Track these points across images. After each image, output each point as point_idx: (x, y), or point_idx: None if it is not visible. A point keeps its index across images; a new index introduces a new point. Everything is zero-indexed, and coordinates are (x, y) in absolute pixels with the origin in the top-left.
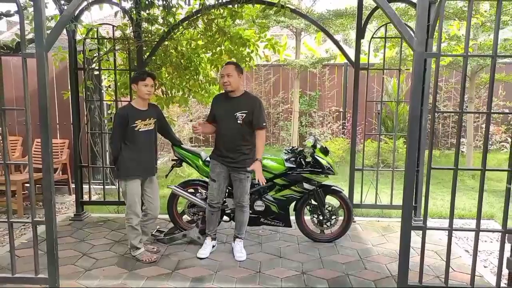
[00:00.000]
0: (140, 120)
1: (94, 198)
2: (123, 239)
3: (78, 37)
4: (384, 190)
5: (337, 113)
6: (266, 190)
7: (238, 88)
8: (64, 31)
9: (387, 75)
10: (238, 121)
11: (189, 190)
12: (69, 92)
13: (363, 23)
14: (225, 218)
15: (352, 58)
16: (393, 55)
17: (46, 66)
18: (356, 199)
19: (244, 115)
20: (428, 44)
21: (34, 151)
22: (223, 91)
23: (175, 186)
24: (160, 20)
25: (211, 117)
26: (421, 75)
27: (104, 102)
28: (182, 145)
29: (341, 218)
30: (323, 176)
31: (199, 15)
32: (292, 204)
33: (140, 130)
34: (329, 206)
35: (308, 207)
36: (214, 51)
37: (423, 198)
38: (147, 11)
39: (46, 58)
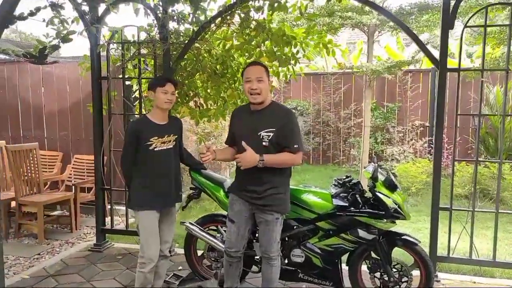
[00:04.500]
0: (156, 137)
1: (119, 226)
2: (134, 283)
3: (102, 42)
4: (483, 232)
5: (421, 128)
6: (307, 234)
7: (267, 98)
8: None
9: (488, 81)
10: (264, 143)
11: (210, 227)
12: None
13: (451, 8)
14: (254, 268)
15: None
16: (498, 55)
17: None
18: (443, 246)
19: (271, 134)
20: None
21: (73, 167)
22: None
23: (190, 222)
24: (190, 19)
25: (230, 138)
26: None
27: (130, 115)
28: (202, 171)
29: (416, 274)
30: (387, 221)
31: (233, 9)
32: (346, 256)
33: (156, 149)
34: (397, 264)
35: (367, 261)
36: (252, 52)
37: None
38: (172, 7)
39: None
